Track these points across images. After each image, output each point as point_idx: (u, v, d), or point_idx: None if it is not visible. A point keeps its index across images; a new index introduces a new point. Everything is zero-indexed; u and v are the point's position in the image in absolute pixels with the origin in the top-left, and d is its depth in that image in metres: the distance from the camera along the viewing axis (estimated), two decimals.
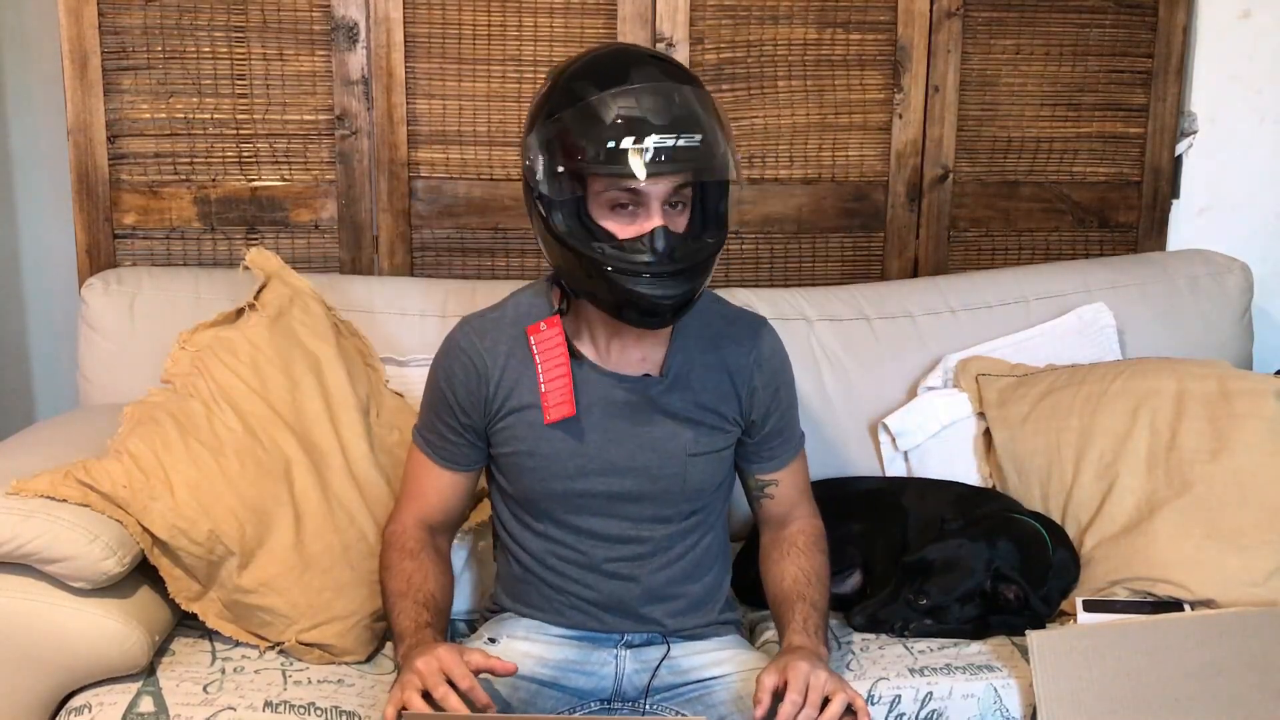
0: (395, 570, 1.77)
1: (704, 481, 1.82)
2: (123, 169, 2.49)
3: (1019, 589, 1.98)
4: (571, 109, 1.62)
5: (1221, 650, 1.87)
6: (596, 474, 1.77)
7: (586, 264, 1.64)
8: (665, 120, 1.58)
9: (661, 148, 1.57)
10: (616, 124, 1.58)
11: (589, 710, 1.79)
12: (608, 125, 1.59)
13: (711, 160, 1.62)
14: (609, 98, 1.60)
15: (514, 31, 2.54)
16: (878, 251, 2.76)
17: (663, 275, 1.62)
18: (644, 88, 1.61)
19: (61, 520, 1.76)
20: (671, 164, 1.59)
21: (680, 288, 1.64)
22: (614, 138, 1.58)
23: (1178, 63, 2.78)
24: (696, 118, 1.61)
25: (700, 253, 1.65)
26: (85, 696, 1.78)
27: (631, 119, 1.58)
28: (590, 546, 1.80)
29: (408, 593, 1.73)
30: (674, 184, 1.62)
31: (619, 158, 1.57)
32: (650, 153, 1.57)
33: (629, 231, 1.63)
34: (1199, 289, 2.63)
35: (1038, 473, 2.29)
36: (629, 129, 1.58)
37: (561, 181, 1.63)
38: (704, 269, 1.67)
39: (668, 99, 1.60)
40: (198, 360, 2.06)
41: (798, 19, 2.63)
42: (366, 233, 2.58)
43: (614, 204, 1.63)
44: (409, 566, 1.77)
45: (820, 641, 1.70)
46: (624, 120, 1.58)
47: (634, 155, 1.57)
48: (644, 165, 1.57)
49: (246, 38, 2.48)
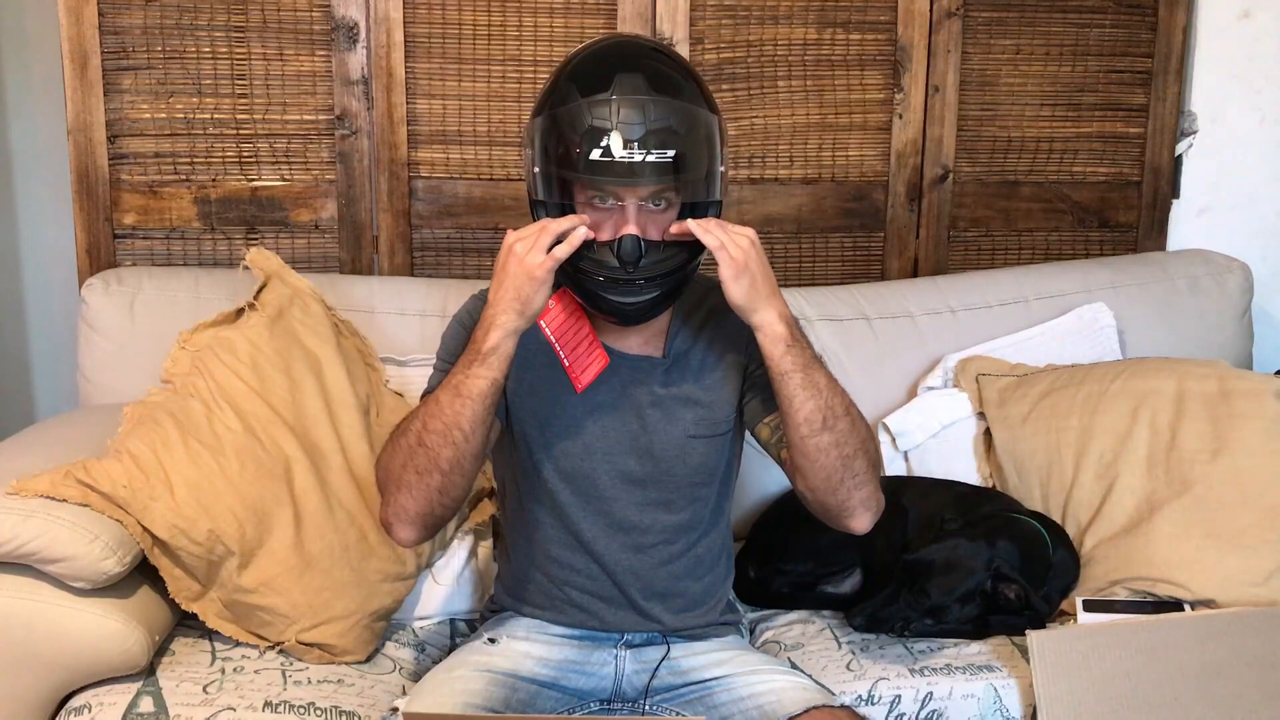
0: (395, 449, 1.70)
1: (704, 464, 1.82)
2: (123, 169, 2.49)
3: (1019, 588, 1.98)
4: (555, 110, 1.64)
5: (1221, 650, 1.87)
6: (601, 454, 1.78)
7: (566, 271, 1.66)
8: (637, 135, 1.59)
9: (631, 163, 1.59)
10: (588, 134, 1.60)
11: (589, 710, 1.79)
12: (582, 134, 1.61)
13: (684, 175, 1.63)
14: (587, 105, 1.61)
15: (514, 31, 2.54)
16: (878, 251, 2.76)
17: (627, 284, 1.65)
18: (621, 100, 1.61)
19: (61, 520, 1.76)
20: (641, 178, 1.60)
21: (643, 295, 1.66)
22: (584, 148, 1.60)
23: (1178, 63, 2.78)
24: (671, 132, 1.61)
25: (668, 263, 1.66)
26: (85, 696, 1.78)
27: (602, 130, 1.60)
28: (592, 535, 1.80)
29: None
30: (645, 194, 1.63)
31: (589, 168, 1.60)
32: (620, 166, 1.59)
33: (604, 232, 1.65)
34: (1199, 289, 2.63)
35: (1038, 473, 2.29)
36: (598, 140, 1.59)
37: (541, 182, 1.67)
38: (672, 278, 1.68)
39: (642, 111, 1.60)
40: (198, 360, 2.06)
41: (798, 19, 2.63)
42: (366, 233, 2.58)
43: (592, 198, 1.65)
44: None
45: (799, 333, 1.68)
46: (595, 130, 1.60)
47: (603, 167, 1.59)
48: (613, 178, 1.60)
49: (246, 38, 2.48)
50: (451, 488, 1.66)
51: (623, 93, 1.61)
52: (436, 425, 1.63)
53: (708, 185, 1.67)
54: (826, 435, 1.66)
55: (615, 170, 1.59)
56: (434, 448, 1.63)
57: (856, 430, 1.69)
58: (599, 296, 1.67)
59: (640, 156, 1.59)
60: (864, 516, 1.73)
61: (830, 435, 1.66)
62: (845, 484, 1.69)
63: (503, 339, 1.62)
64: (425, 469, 1.64)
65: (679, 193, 1.67)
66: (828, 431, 1.66)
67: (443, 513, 1.69)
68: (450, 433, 1.63)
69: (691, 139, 1.63)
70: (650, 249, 1.64)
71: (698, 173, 1.64)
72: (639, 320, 1.73)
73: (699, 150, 1.64)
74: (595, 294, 1.67)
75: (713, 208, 1.69)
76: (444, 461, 1.64)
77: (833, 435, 1.66)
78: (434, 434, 1.63)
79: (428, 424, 1.64)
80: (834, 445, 1.66)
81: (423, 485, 1.65)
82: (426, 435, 1.64)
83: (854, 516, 1.72)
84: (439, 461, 1.64)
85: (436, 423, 1.63)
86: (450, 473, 1.64)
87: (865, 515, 1.73)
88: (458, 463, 1.64)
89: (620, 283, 1.65)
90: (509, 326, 1.61)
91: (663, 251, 1.66)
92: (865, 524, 1.73)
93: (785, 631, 2.08)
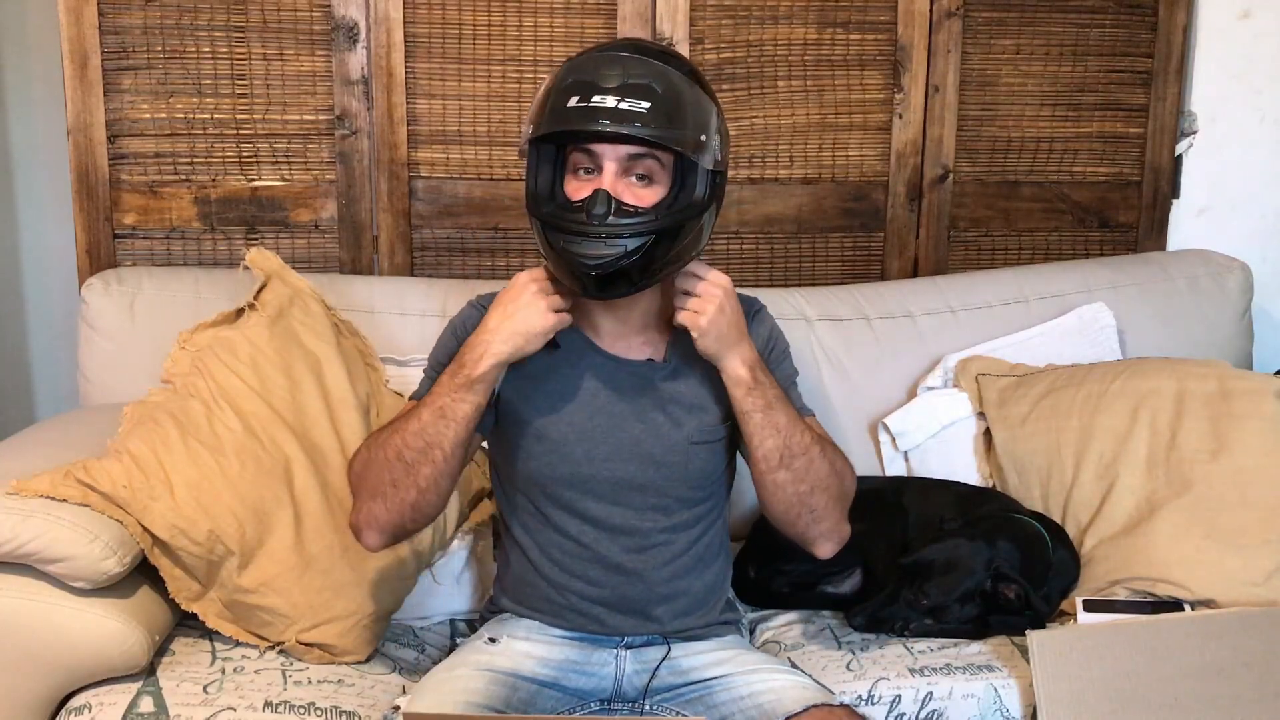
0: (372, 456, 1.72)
1: (705, 469, 1.82)
2: (123, 169, 2.49)
3: (1019, 587, 1.98)
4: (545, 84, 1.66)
5: (1221, 650, 1.87)
6: (602, 459, 1.78)
7: (536, 227, 1.67)
8: (614, 84, 1.60)
9: (602, 107, 1.59)
10: (569, 87, 1.62)
11: (589, 710, 1.79)
12: (562, 88, 1.62)
13: (657, 129, 1.60)
14: (570, 65, 1.65)
15: (514, 31, 2.54)
16: (878, 251, 2.76)
17: (590, 235, 1.61)
18: (605, 55, 1.64)
19: (61, 520, 1.76)
20: (613, 125, 1.59)
21: (608, 250, 1.61)
22: (563, 98, 1.61)
23: (1178, 63, 2.78)
24: (648, 89, 1.61)
25: (639, 224, 1.62)
26: (85, 696, 1.78)
27: (581, 81, 1.61)
28: (593, 538, 1.80)
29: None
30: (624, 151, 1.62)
31: (563, 115, 1.60)
32: (591, 111, 1.59)
33: (583, 193, 1.65)
34: (1199, 289, 2.63)
35: (1038, 473, 2.29)
36: (576, 89, 1.61)
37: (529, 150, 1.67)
38: (640, 238, 1.62)
39: (622, 66, 1.62)
40: (198, 360, 2.06)
41: (798, 19, 2.63)
42: (366, 233, 2.58)
43: (576, 167, 1.66)
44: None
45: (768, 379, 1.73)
46: (576, 83, 1.62)
47: (576, 112, 1.60)
48: (584, 122, 1.59)
49: (246, 38, 2.48)
50: (425, 505, 1.70)
51: (613, 50, 1.66)
52: (418, 443, 1.66)
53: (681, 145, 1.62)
54: (783, 473, 1.72)
55: (589, 116, 1.59)
56: (413, 464, 1.67)
57: (814, 469, 1.73)
58: (563, 252, 1.63)
59: (615, 102, 1.59)
60: (825, 545, 1.80)
61: (787, 473, 1.72)
62: (802, 518, 1.76)
63: (494, 368, 1.65)
64: (402, 483, 1.68)
65: (664, 165, 1.64)
66: (784, 469, 1.72)
67: (413, 527, 1.74)
68: (431, 451, 1.66)
69: (669, 99, 1.62)
70: (621, 211, 1.62)
71: (673, 133, 1.61)
72: (607, 289, 1.66)
73: (676, 112, 1.62)
74: (560, 249, 1.63)
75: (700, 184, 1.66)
76: (422, 479, 1.67)
77: (789, 473, 1.72)
78: (414, 450, 1.66)
79: (408, 441, 1.67)
80: (790, 482, 1.73)
81: (398, 498, 1.69)
82: (406, 451, 1.67)
83: (815, 545, 1.80)
84: (417, 478, 1.67)
85: (418, 440, 1.66)
86: (426, 490, 1.68)
87: (826, 545, 1.80)
88: (435, 481, 1.68)
89: (582, 234, 1.62)
90: (503, 357, 1.65)
91: (635, 216, 1.63)
92: (828, 552, 1.81)
93: (785, 631, 2.08)
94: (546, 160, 1.68)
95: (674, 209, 1.65)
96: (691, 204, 1.66)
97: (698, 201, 1.66)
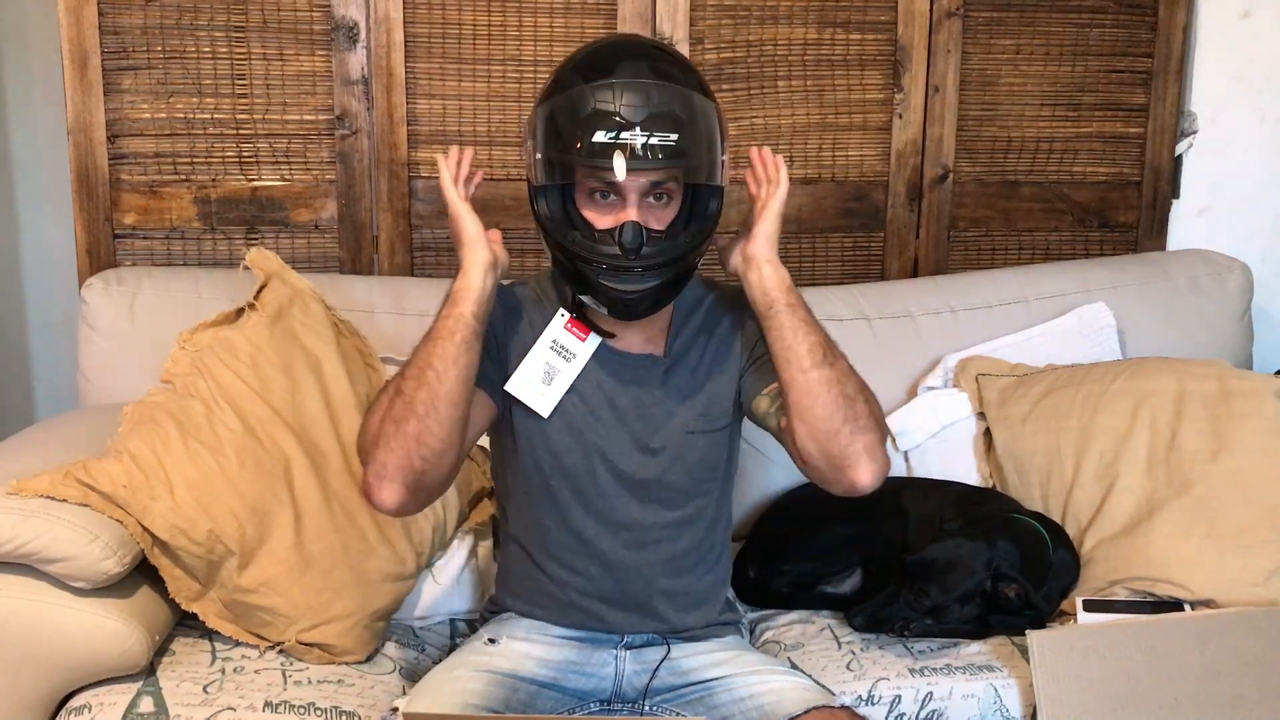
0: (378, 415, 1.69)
1: (705, 460, 1.82)
2: (123, 169, 2.49)
3: (1019, 588, 1.98)
4: (556, 98, 1.65)
5: (1221, 650, 1.87)
6: (602, 453, 1.78)
7: (563, 252, 1.67)
8: (641, 117, 1.60)
9: (632, 144, 1.59)
10: (592, 117, 1.60)
11: (589, 711, 1.79)
12: (584, 117, 1.61)
13: (686, 160, 1.63)
14: (590, 90, 1.62)
15: (514, 31, 2.55)
16: (878, 251, 2.76)
17: (627, 270, 1.64)
18: (625, 83, 1.62)
19: (61, 520, 1.76)
20: (643, 161, 1.60)
21: (643, 284, 1.65)
22: (588, 130, 1.60)
23: (1178, 63, 2.78)
24: (674, 117, 1.61)
25: (669, 252, 1.65)
26: (85, 696, 1.78)
27: (606, 113, 1.60)
28: (594, 533, 1.80)
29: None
30: (647, 180, 1.63)
31: (592, 150, 1.60)
32: (621, 149, 1.59)
33: (605, 222, 1.65)
34: (1199, 289, 2.63)
35: (1038, 473, 2.29)
36: (602, 123, 1.60)
37: (543, 168, 1.67)
38: (673, 267, 1.66)
39: (646, 95, 1.61)
40: (198, 360, 2.05)
41: (798, 19, 2.63)
42: (366, 233, 2.58)
43: (593, 192, 1.65)
44: None
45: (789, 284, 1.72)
46: (599, 114, 1.60)
47: (605, 150, 1.59)
48: (615, 161, 1.59)
49: (246, 38, 2.48)
50: (428, 435, 1.62)
51: (626, 77, 1.63)
52: (411, 371, 1.65)
53: (709, 172, 1.67)
54: (827, 369, 1.66)
55: (619, 153, 1.59)
56: (409, 392, 1.63)
57: (854, 375, 1.70)
58: (600, 286, 1.66)
59: (644, 139, 1.59)
60: (868, 468, 1.66)
61: (831, 370, 1.67)
62: (847, 425, 1.65)
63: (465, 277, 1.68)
64: (401, 416, 1.62)
65: (679, 181, 1.67)
66: (828, 366, 1.66)
67: (422, 466, 1.63)
68: (424, 374, 1.63)
69: (693, 125, 1.63)
70: (651, 239, 1.64)
71: (700, 159, 1.64)
72: (640, 313, 1.71)
73: (701, 137, 1.64)
74: (596, 284, 1.66)
75: (714, 199, 1.69)
76: (419, 404, 1.62)
77: (833, 370, 1.67)
78: (409, 380, 1.64)
79: (404, 373, 1.66)
80: (835, 380, 1.66)
81: (400, 435, 1.62)
82: (403, 383, 1.65)
83: (857, 466, 1.65)
84: (414, 405, 1.62)
85: (411, 369, 1.65)
86: (425, 417, 1.62)
87: (870, 466, 1.66)
88: (432, 405, 1.62)
89: (621, 270, 1.64)
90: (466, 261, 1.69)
91: (663, 242, 1.66)
92: (868, 477, 1.66)
93: (785, 631, 2.08)
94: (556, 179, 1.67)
95: (694, 228, 1.68)
96: (708, 217, 1.70)
97: (713, 215, 1.70)
